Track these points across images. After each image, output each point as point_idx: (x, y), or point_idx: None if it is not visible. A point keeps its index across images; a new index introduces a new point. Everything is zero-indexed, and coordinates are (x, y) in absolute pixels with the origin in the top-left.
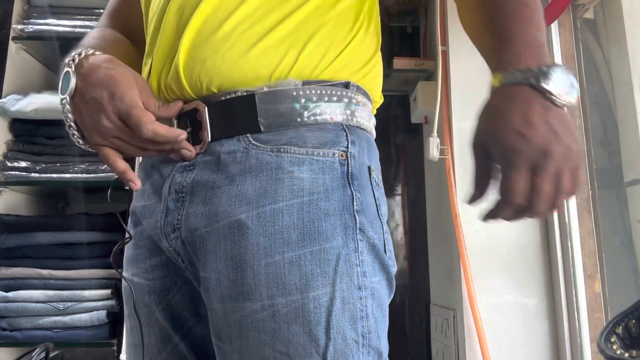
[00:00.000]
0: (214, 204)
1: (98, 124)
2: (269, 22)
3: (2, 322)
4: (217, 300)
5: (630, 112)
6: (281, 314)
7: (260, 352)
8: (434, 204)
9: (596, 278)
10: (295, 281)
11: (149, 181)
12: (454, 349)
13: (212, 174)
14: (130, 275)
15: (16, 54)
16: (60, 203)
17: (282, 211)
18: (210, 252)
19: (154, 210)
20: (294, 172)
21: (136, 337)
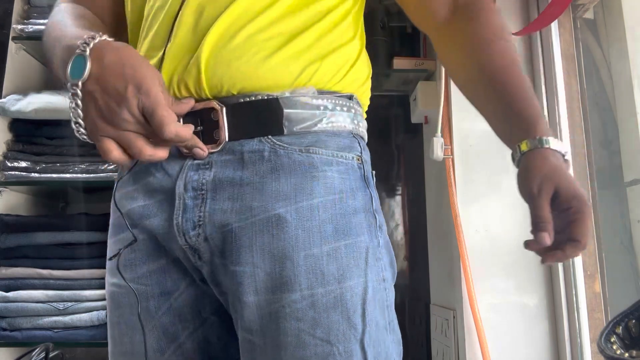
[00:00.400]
0: (245, 200)
1: (115, 115)
2: (289, 34)
3: (2, 322)
4: (251, 293)
5: (630, 112)
6: (321, 303)
7: (299, 341)
8: (434, 204)
9: (596, 278)
10: (334, 272)
11: (143, 181)
12: (454, 349)
13: (236, 171)
14: (124, 280)
15: (16, 54)
16: (60, 203)
17: (318, 207)
18: (244, 246)
19: (160, 209)
20: (326, 171)
21: (129, 344)
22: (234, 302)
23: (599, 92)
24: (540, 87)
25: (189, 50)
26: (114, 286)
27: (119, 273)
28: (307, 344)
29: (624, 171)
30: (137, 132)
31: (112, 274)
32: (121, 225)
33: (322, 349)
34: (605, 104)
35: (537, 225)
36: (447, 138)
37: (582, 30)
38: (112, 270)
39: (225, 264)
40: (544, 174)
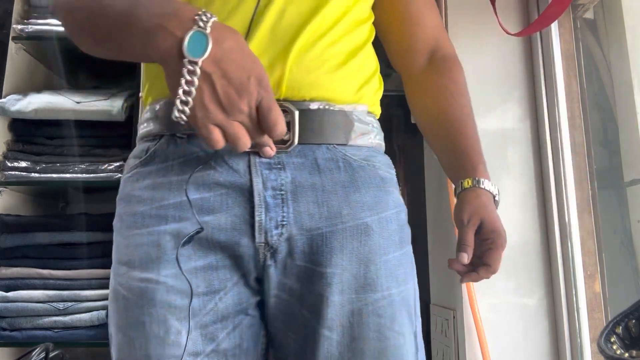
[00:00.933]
0: (333, 206)
1: (233, 104)
2: (348, 52)
3: (2, 322)
4: (337, 292)
5: (630, 112)
6: (396, 302)
7: (380, 334)
8: (434, 204)
9: (596, 278)
10: (401, 275)
11: (197, 173)
12: (454, 349)
13: (313, 176)
14: (162, 276)
15: (16, 54)
16: (60, 203)
17: (390, 218)
18: (335, 250)
19: (224, 204)
20: (390, 186)
21: (159, 347)
22: (314, 302)
23: (599, 92)
24: (540, 87)
25: (266, 49)
26: (145, 282)
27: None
28: (387, 337)
29: (624, 171)
30: (243, 123)
31: (144, 268)
32: (160, 217)
33: (397, 341)
34: (605, 104)
35: (460, 247)
36: None
37: (582, 30)
38: (145, 264)
39: (308, 266)
40: (474, 207)
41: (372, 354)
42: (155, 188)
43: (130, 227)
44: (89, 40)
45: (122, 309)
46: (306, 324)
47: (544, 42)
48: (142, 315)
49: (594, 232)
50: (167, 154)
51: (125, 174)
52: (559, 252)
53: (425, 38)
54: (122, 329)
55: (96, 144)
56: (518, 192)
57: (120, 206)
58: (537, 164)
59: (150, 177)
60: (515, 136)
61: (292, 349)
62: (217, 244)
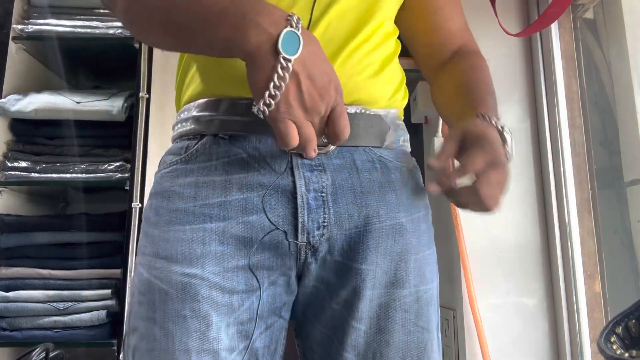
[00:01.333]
0: (370, 207)
1: (314, 105)
2: (382, 61)
3: (2, 322)
4: (369, 288)
5: (630, 112)
6: (423, 298)
7: (404, 328)
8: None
9: (596, 278)
10: (428, 274)
11: (239, 173)
12: (454, 349)
13: (352, 177)
14: (206, 272)
15: (16, 54)
16: (60, 203)
17: (421, 219)
18: (371, 248)
19: (267, 204)
20: (422, 188)
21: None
22: (348, 296)
23: (599, 92)
24: (540, 87)
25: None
26: (189, 277)
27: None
28: (411, 331)
29: (624, 171)
30: (315, 124)
31: (187, 264)
32: (204, 215)
33: (422, 336)
34: (605, 104)
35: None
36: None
37: (582, 30)
38: (189, 260)
39: (344, 262)
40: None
41: (396, 346)
42: (198, 186)
43: (170, 223)
44: (156, 29)
45: (159, 302)
46: (336, 316)
47: (544, 42)
48: (184, 309)
49: (594, 232)
50: (211, 153)
51: (163, 170)
52: (559, 252)
53: (452, 42)
54: (158, 322)
55: (96, 144)
56: (518, 192)
57: (156, 200)
58: (537, 164)
59: (192, 175)
60: (515, 136)
61: (318, 339)
62: (260, 243)
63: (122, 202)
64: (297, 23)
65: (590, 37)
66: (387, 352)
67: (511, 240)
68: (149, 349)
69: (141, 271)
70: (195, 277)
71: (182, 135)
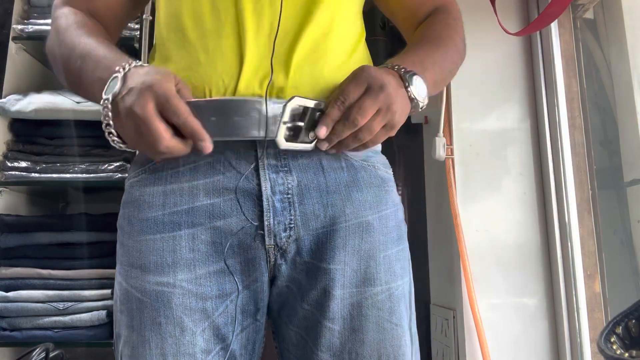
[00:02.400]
0: (336, 206)
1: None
2: (344, 53)
3: (2, 322)
4: (339, 287)
5: (630, 112)
6: (395, 295)
7: (378, 326)
8: (434, 204)
9: (596, 278)
10: (399, 270)
11: (205, 179)
12: (454, 349)
13: (318, 177)
14: (178, 280)
15: (16, 54)
16: (60, 203)
17: (389, 216)
18: (339, 247)
19: (234, 209)
20: (390, 186)
21: (173, 346)
22: (318, 296)
23: (599, 92)
24: (540, 87)
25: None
26: (161, 285)
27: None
28: (385, 328)
29: (624, 171)
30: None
31: (159, 273)
32: (173, 223)
33: (395, 332)
34: (605, 104)
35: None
36: (447, 138)
37: (582, 30)
38: (160, 269)
39: (313, 263)
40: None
41: (371, 344)
42: (166, 194)
43: (142, 232)
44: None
45: (136, 311)
46: (308, 317)
47: (544, 42)
48: (158, 317)
49: (594, 232)
50: (177, 160)
51: (132, 178)
52: (559, 252)
53: (426, 3)
54: (136, 330)
55: (96, 144)
56: (518, 192)
57: (127, 209)
58: (537, 164)
59: (160, 183)
60: (515, 136)
61: (293, 340)
62: (230, 248)
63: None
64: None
65: (590, 37)
66: (362, 351)
67: (511, 240)
68: (130, 354)
69: (120, 280)
70: (168, 285)
71: None
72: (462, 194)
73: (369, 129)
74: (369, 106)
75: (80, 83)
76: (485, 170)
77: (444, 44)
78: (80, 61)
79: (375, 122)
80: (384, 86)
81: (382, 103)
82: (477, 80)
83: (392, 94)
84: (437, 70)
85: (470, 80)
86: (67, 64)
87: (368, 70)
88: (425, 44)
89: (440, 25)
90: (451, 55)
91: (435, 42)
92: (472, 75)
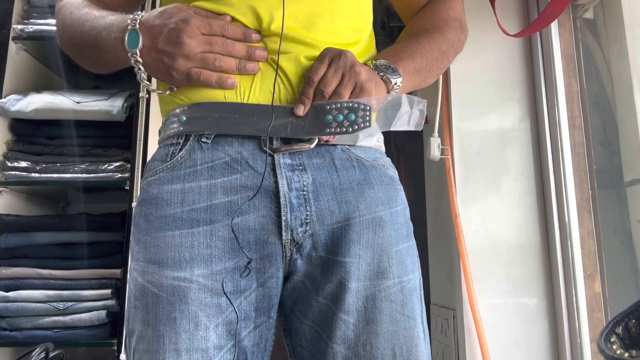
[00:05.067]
0: (349, 202)
1: (182, 47)
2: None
3: (2, 322)
4: (354, 280)
5: (630, 112)
6: (406, 288)
7: (392, 318)
8: (434, 204)
9: (596, 278)
10: (410, 264)
11: (222, 177)
12: (454, 349)
13: (331, 176)
14: (195, 275)
15: (16, 54)
16: (60, 203)
17: (399, 213)
18: (353, 241)
19: (251, 206)
20: (398, 184)
21: (186, 341)
22: (334, 289)
23: (599, 92)
24: (540, 87)
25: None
26: (178, 280)
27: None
28: (398, 320)
29: (624, 171)
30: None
31: (177, 268)
32: (192, 220)
33: (407, 324)
34: (605, 104)
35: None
36: (447, 138)
37: (582, 30)
38: (178, 264)
39: (329, 257)
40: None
41: (384, 336)
42: (184, 192)
43: (160, 229)
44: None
45: (152, 306)
46: (323, 310)
47: (544, 42)
48: (174, 312)
49: (594, 232)
50: (194, 159)
51: (149, 177)
52: (559, 252)
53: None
54: (152, 325)
55: (96, 144)
56: (518, 192)
57: (145, 207)
58: (537, 164)
59: (178, 182)
60: (515, 136)
61: (307, 335)
62: (247, 244)
63: (122, 202)
64: (135, 21)
65: (590, 37)
66: (377, 342)
67: (511, 240)
68: (145, 349)
69: (135, 276)
70: (185, 280)
71: (167, 137)
72: (462, 193)
73: (338, 95)
74: (332, 75)
75: (100, 52)
76: (485, 170)
77: (428, 35)
78: (93, 32)
79: (341, 87)
80: (342, 53)
81: (342, 68)
82: (477, 80)
83: (350, 58)
84: (418, 59)
85: (470, 80)
86: (81, 40)
87: (327, 48)
88: (405, 38)
89: (427, 19)
90: (437, 44)
91: (416, 35)
92: (472, 75)
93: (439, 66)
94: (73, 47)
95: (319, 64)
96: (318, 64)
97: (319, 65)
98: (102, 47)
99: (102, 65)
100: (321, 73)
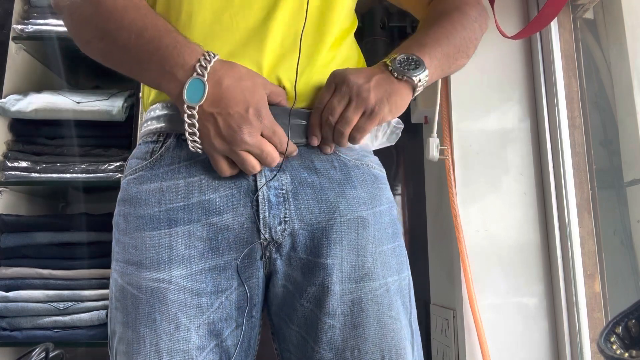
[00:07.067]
0: (330, 202)
1: (235, 137)
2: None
3: (2, 322)
4: (337, 282)
5: (630, 112)
6: (392, 290)
7: (379, 320)
8: (434, 204)
9: (596, 278)
10: (394, 265)
11: (200, 175)
12: (454, 349)
13: (310, 176)
14: (174, 277)
15: (16, 54)
16: (60, 203)
17: (383, 212)
18: (335, 242)
19: (230, 204)
20: (384, 184)
21: (167, 342)
22: (316, 292)
23: (599, 92)
24: (540, 87)
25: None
26: (157, 282)
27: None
28: (386, 323)
29: (624, 171)
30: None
31: (155, 269)
32: (169, 220)
33: (394, 326)
34: (605, 104)
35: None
36: (446, 138)
37: (582, 30)
38: (156, 265)
39: (310, 259)
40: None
41: (372, 340)
42: (162, 191)
43: (138, 229)
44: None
45: (132, 307)
46: (307, 315)
47: (544, 42)
48: (154, 313)
49: (594, 232)
50: (174, 156)
51: (128, 175)
52: (559, 252)
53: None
54: (131, 326)
55: (96, 144)
56: (518, 192)
57: (124, 207)
58: (537, 164)
59: (157, 180)
60: (515, 136)
61: (293, 341)
62: (226, 244)
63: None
64: (205, 67)
65: (590, 37)
66: (365, 347)
67: (511, 240)
68: (125, 351)
69: (115, 277)
70: (163, 281)
71: (148, 133)
72: (462, 193)
73: (345, 121)
74: (336, 102)
75: (132, 62)
76: (485, 170)
77: (448, 16)
78: (135, 37)
79: (349, 113)
80: (345, 79)
81: (349, 94)
82: (477, 80)
83: (357, 82)
84: (444, 42)
85: (470, 80)
86: (109, 32)
87: (333, 72)
88: (426, 25)
89: (443, 3)
90: (460, 23)
91: (436, 19)
92: (472, 75)
93: (468, 46)
94: (92, 29)
95: (324, 91)
96: (324, 91)
97: (324, 92)
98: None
99: (119, 66)
100: (325, 101)
